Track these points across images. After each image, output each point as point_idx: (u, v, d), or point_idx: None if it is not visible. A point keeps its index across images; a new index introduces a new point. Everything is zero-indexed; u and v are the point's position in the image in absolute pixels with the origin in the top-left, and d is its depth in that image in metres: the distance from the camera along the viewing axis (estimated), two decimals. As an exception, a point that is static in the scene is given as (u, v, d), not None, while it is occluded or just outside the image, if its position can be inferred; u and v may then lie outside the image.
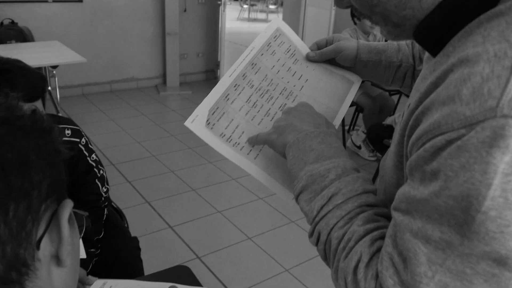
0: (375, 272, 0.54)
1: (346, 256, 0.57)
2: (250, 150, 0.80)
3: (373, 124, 3.41)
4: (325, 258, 0.63)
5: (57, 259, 0.43)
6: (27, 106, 1.11)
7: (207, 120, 0.79)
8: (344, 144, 3.68)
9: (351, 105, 3.48)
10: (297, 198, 0.67)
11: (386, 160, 0.67)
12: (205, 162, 3.49)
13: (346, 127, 4.17)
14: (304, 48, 0.96)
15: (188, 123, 0.77)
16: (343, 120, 3.75)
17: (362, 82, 0.95)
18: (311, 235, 0.64)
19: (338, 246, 0.59)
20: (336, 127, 0.89)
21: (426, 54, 0.65)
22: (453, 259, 0.46)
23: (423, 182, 0.49)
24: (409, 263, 0.49)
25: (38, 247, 0.41)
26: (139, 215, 2.71)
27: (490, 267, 0.45)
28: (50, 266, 0.43)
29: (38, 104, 1.21)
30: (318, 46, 0.94)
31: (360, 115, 3.90)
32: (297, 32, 5.39)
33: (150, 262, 2.07)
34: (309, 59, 0.94)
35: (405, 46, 0.90)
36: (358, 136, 3.82)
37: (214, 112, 0.80)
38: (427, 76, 0.55)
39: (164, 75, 5.44)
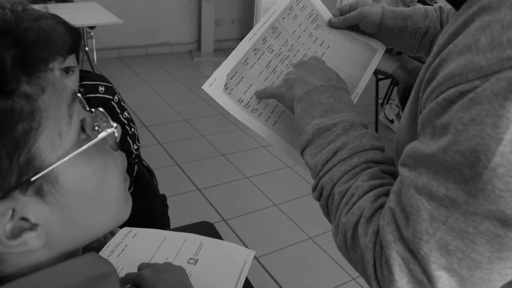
0: (376, 227, 0.53)
1: (348, 211, 0.56)
2: (269, 117, 0.78)
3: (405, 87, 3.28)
4: (327, 213, 0.62)
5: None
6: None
7: (225, 85, 0.77)
8: (376, 117, 3.62)
9: (386, 78, 3.35)
10: (302, 152, 0.66)
11: (401, 120, 0.66)
12: (236, 128, 3.51)
13: (380, 101, 4.10)
14: (326, 13, 0.93)
15: (205, 87, 0.75)
16: (376, 93, 3.68)
17: (399, 54, 0.92)
18: (314, 189, 0.63)
19: (340, 201, 0.58)
20: (358, 96, 0.87)
21: (451, 12, 0.62)
22: (456, 217, 0.44)
23: (433, 137, 0.47)
24: (411, 220, 0.48)
25: None
26: (168, 176, 2.78)
27: (494, 227, 0.43)
28: (20, 247, 0.39)
29: (72, 58, 1.23)
30: (341, 11, 0.91)
31: (395, 88, 3.81)
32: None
33: (177, 221, 2.13)
34: (331, 25, 0.91)
35: (433, 11, 0.86)
36: (391, 109, 3.74)
37: (232, 76, 0.78)
38: (447, 30, 0.53)
39: (198, 41, 5.44)
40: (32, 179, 0.38)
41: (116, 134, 0.46)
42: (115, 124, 0.46)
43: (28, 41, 0.38)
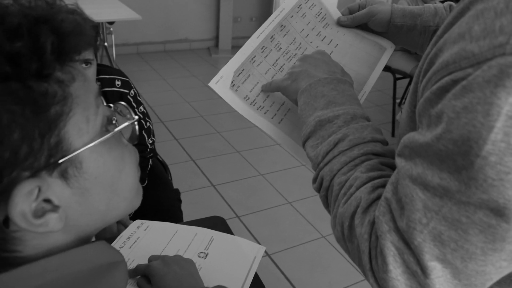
0: (372, 218, 0.53)
1: (346, 201, 0.56)
2: (275, 114, 0.78)
3: None
4: (327, 205, 0.62)
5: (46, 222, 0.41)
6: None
7: (232, 82, 0.77)
8: (393, 117, 3.58)
9: (404, 77, 3.31)
10: (304, 144, 0.66)
11: (402, 113, 0.65)
12: (251, 125, 3.51)
13: (398, 100, 4.05)
14: (335, 12, 0.93)
15: (212, 84, 0.75)
16: (394, 93, 3.65)
17: (417, 53, 0.91)
18: (314, 181, 0.63)
19: (339, 192, 0.58)
20: (366, 94, 0.86)
21: None
22: (449, 206, 0.44)
23: (429, 127, 0.46)
24: (406, 209, 0.48)
25: (7, 226, 0.40)
26: (183, 171, 2.79)
27: (487, 217, 0.42)
28: (40, 227, 0.41)
29: (89, 52, 1.25)
30: (350, 10, 0.91)
31: (413, 88, 3.76)
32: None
33: (191, 216, 2.14)
34: (340, 23, 0.91)
35: (442, 9, 0.85)
36: (409, 109, 3.70)
37: (239, 74, 0.78)
38: (445, 20, 0.52)
39: (217, 38, 5.46)
40: (60, 161, 0.40)
41: (136, 127, 0.50)
42: (136, 117, 0.49)
43: (65, 31, 0.41)
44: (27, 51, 0.38)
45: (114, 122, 0.47)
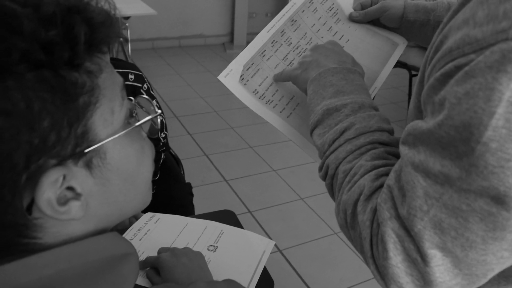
0: (375, 205, 0.53)
1: (350, 189, 0.56)
2: (284, 109, 0.78)
3: None
4: (332, 193, 0.63)
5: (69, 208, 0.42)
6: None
7: (241, 76, 0.77)
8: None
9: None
10: (311, 133, 0.66)
11: (410, 103, 0.65)
12: (265, 121, 3.48)
13: (413, 97, 4.01)
14: (347, 7, 0.92)
15: (221, 77, 0.75)
16: (409, 90, 3.61)
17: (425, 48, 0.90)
18: (320, 169, 0.64)
19: (344, 179, 0.58)
20: (377, 90, 0.85)
21: None
22: (450, 194, 0.43)
23: (433, 114, 0.46)
24: (407, 196, 0.47)
25: (30, 213, 0.40)
26: (196, 166, 2.81)
27: (487, 205, 0.42)
28: (61, 215, 0.41)
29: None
30: (363, 6, 0.91)
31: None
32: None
33: (203, 211, 2.14)
34: (352, 19, 0.90)
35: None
36: (424, 107, 3.66)
37: (249, 68, 0.78)
38: (452, 8, 0.52)
39: (231, 34, 5.46)
40: (86, 150, 0.41)
41: (159, 120, 0.50)
42: (159, 111, 0.50)
43: (96, 22, 0.41)
44: (60, 40, 0.38)
45: (134, 115, 0.48)
